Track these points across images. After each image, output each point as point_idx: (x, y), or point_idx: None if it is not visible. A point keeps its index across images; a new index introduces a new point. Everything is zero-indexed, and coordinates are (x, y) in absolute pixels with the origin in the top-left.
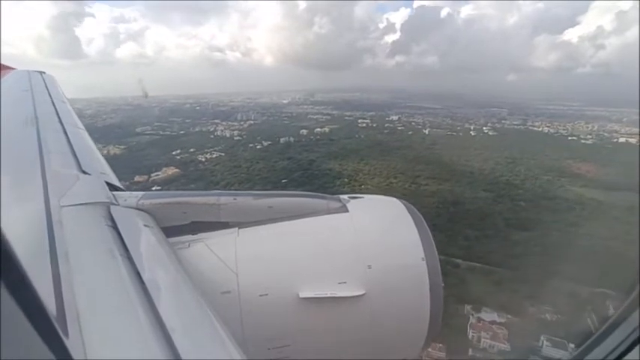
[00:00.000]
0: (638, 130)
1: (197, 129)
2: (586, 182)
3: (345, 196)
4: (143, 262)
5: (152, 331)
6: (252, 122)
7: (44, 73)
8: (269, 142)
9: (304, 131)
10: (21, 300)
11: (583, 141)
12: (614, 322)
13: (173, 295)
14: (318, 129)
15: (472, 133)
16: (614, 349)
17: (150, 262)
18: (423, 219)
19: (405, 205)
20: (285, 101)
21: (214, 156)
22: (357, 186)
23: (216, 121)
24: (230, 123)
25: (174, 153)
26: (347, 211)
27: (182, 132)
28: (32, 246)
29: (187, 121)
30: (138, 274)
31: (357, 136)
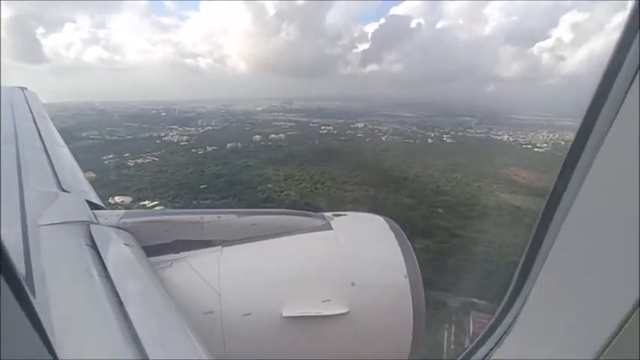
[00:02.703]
0: None
1: (147, 134)
2: (517, 189)
3: (329, 214)
4: (122, 282)
5: (131, 355)
6: (210, 128)
7: (26, 89)
8: (214, 148)
9: (257, 137)
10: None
11: (536, 149)
12: (493, 324)
13: (153, 316)
14: (273, 135)
15: (429, 141)
16: (490, 351)
17: (129, 283)
18: (405, 236)
19: (387, 223)
20: (259, 108)
21: (147, 161)
22: (278, 191)
23: (173, 126)
24: (187, 128)
25: (104, 158)
26: (330, 228)
27: (129, 137)
28: None
29: (144, 126)
30: (116, 295)
31: (310, 142)
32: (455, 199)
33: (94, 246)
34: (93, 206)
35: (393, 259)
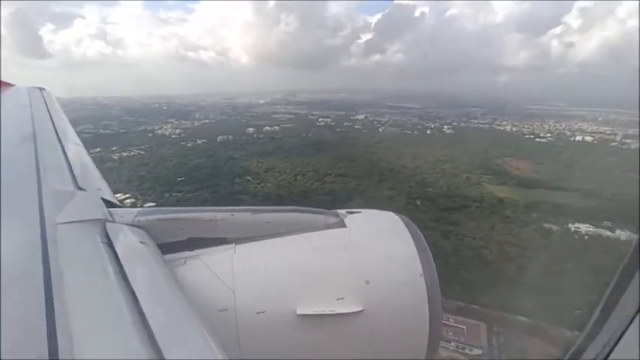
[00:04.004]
0: (601, 129)
1: (142, 128)
2: (507, 180)
3: (343, 211)
4: (137, 279)
5: (145, 351)
6: (206, 121)
7: (44, 89)
8: (203, 140)
9: (250, 129)
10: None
11: (538, 139)
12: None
13: (167, 313)
14: (267, 127)
15: (428, 132)
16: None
17: (144, 280)
18: (420, 234)
19: (402, 220)
20: (261, 101)
21: (132, 154)
22: (255, 183)
23: (170, 120)
24: (183, 122)
25: (90, 151)
26: (344, 226)
27: (122, 130)
28: (26, 264)
29: (141, 119)
30: (132, 292)
31: (304, 134)
32: (437, 190)
33: (109, 244)
34: (108, 204)
35: (408, 258)
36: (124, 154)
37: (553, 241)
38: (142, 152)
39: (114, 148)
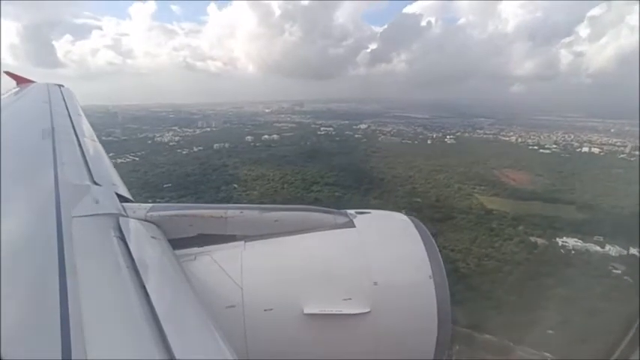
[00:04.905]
0: (612, 140)
1: (143, 135)
2: (501, 191)
3: (352, 211)
4: (148, 274)
5: (154, 345)
6: (208, 129)
7: (63, 86)
8: (199, 148)
9: (249, 138)
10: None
11: (542, 150)
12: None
13: (176, 308)
14: (266, 136)
15: (429, 141)
16: None
17: (155, 275)
18: (430, 235)
19: (412, 221)
20: (267, 110)
21: (126, 161)
22: (240, 191)
23: (173, 127)
24: (185, 130)
25: None
26: (353, 226)
27: (124, 138)
28: (42, 255)
29: (144, 127)
30: (142, 286)
31: (302, 143)
32: (425, 201)
33: (122, 238)
34: (122, 199)
35: (417, 259)
36: (120, 160)
37: (535, 256)
38: (137, 159)
39: (111, 154)
